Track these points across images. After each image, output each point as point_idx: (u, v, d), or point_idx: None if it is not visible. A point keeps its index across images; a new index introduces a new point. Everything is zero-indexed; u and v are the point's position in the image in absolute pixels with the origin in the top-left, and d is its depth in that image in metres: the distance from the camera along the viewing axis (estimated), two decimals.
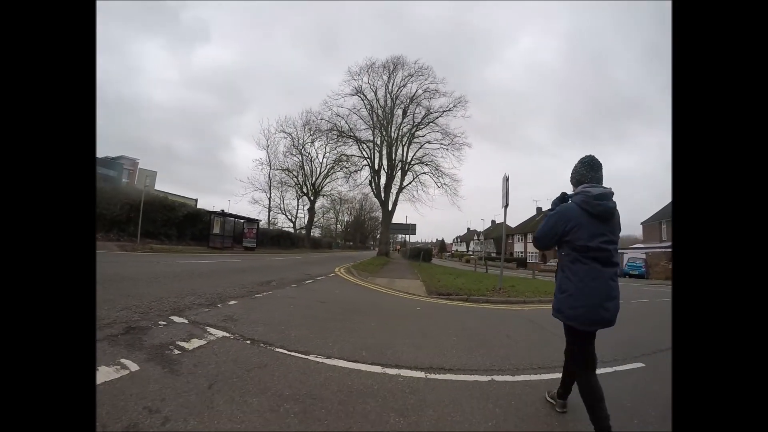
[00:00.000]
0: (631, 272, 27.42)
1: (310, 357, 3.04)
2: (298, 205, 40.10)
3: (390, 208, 28.42)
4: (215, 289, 6.09)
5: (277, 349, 3.19)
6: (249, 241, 24.96)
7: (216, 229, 22.12)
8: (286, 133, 33.71)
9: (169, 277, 7.02)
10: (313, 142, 32.57)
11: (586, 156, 2.14)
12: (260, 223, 32.54)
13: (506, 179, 9.47)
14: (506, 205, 9.34)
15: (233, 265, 11.15)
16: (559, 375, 2.41)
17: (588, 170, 2.09)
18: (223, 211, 22.62)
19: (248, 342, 3.36)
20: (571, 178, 2.20)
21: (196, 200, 33.97)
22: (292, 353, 3.11)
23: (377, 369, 2.87)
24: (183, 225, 21.38)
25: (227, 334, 3.53)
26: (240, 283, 7.12)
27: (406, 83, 28.04)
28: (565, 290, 2.00)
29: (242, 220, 25.67)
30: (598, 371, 2.08)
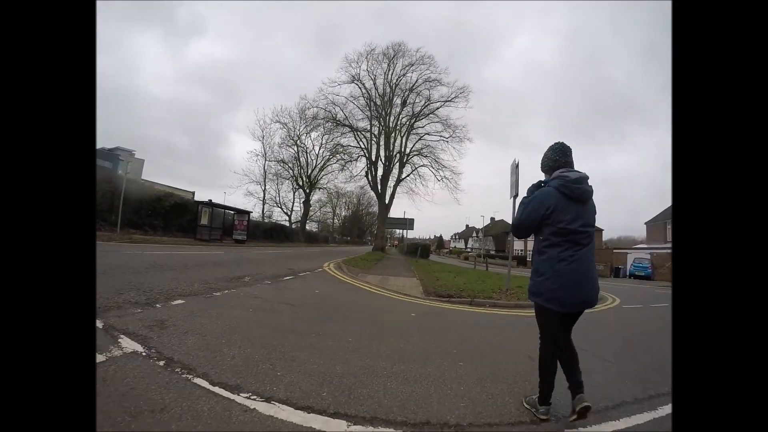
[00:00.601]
0: (636, 273, 26.39)
1: (239, 397, 1.95)
2: (294, 198, 39.14)
3: (387, 202, 27.22)
4: (169, 284, 5.04)
5: (196, 380, 2.11)
6: (239, 234, 23.80)
7: (204, 221, 20.97)
8: (281, 123, 32.52)
9: (126, 269, 5.92)
10: (308, 132, 31.39)
11: (555, 143, 2.17)
12: (254, 215, 31.67)
13: (516, 166, 8.36)
14: (515, 195, 8.22)
15: (211, 258, 10.06)
16: (617, 422, 2.11)
17: (561, 156, 2.11)
18: (210, 201, 21.42)
19: (161, 363, 2.30)
20: (542, 165, 2.20)
21: (193, 193, 33.06)
22: (215, 388, 2.03)
23: (339, 428, 1.77)
24: (169, 215, 20.38)
25: (140, 349, 2.50)
26: (204, 278, 6.06)
27: (407, 72, 26.76)
28: (542, 273, 1.99)
29: (232, 212, 24.54)
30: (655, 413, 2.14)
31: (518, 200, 8.23)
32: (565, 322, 2.03)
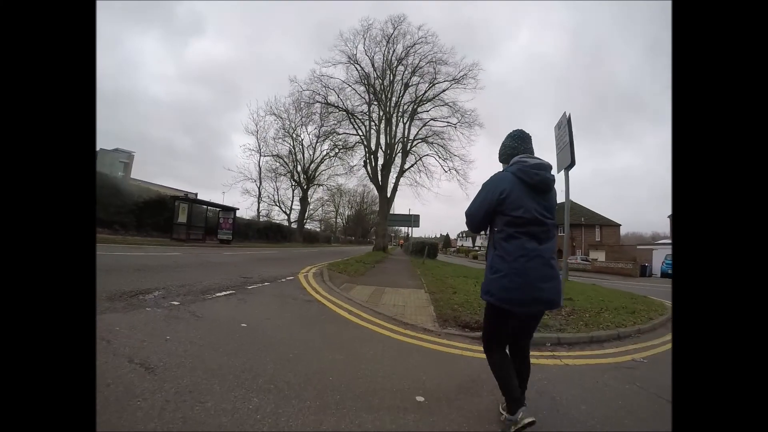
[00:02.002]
0: (670, 272, 23.49)
1: None
2: (293, 196, 36.75)
3: (389, 195, 24.37)
4: None
5: None
6: (224, 233, 21.26)
7: (181, 218, 18.45)
8: (276, 115, 29.92)
9: None
10: (305, 124, 28.73)
11: (514, 130, 2.02)
12: (252, 214, 29.45)
13: (568, 121, 5.63)
14: (572, 165, 5.49)
15: (150, 261, 7.49)
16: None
17: (520, 143, 1.97)
18: (186, 195, 18.89)
19: None
20: (500, 155, 2.04)
21: (195, 194, 31.09)
22: None
23: None
24: (143, 212, 18.01)
25: None
26: None
27: (408, 53, 23.95)
28: (497, 270, 1.79)
29: (217, 209, 22.00)
30: None
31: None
32: (526, 323, 1.92)
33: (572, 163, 5.47)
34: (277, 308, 4.28)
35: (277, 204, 36.76)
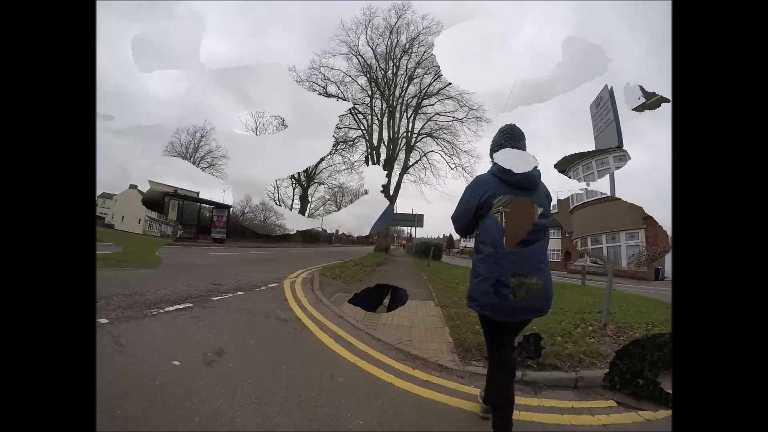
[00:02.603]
0: None
1: None
2: (293, 195, 35.78)
3: (391, 193, 23.27)
4: None
5: None
6: (218, 232, 20.25)
7: (172, 216, 17.48)
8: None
9: None
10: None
11: (505, 125, 1.90)
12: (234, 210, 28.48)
13: (611, 93, 4.59)
14: (618, 148, 4.43)
15: None
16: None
17: (508, 139, 1.84)
18: (176, 190, 17.84)
19: None
20: (490, 152, 1.91)
21: (197, 193, 30.00)
22: None
23: None
24: None
25: None
26: None
27: (413, 45, 22.86)
28: (479, 274, 1.70)
29: (211, 206, 20.98)
30: None
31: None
32: (511, 330, 1.78)
33: (620, 146, 4.41)
34: (239, 332, 3.18)
35: (278, 202, 35.96)
